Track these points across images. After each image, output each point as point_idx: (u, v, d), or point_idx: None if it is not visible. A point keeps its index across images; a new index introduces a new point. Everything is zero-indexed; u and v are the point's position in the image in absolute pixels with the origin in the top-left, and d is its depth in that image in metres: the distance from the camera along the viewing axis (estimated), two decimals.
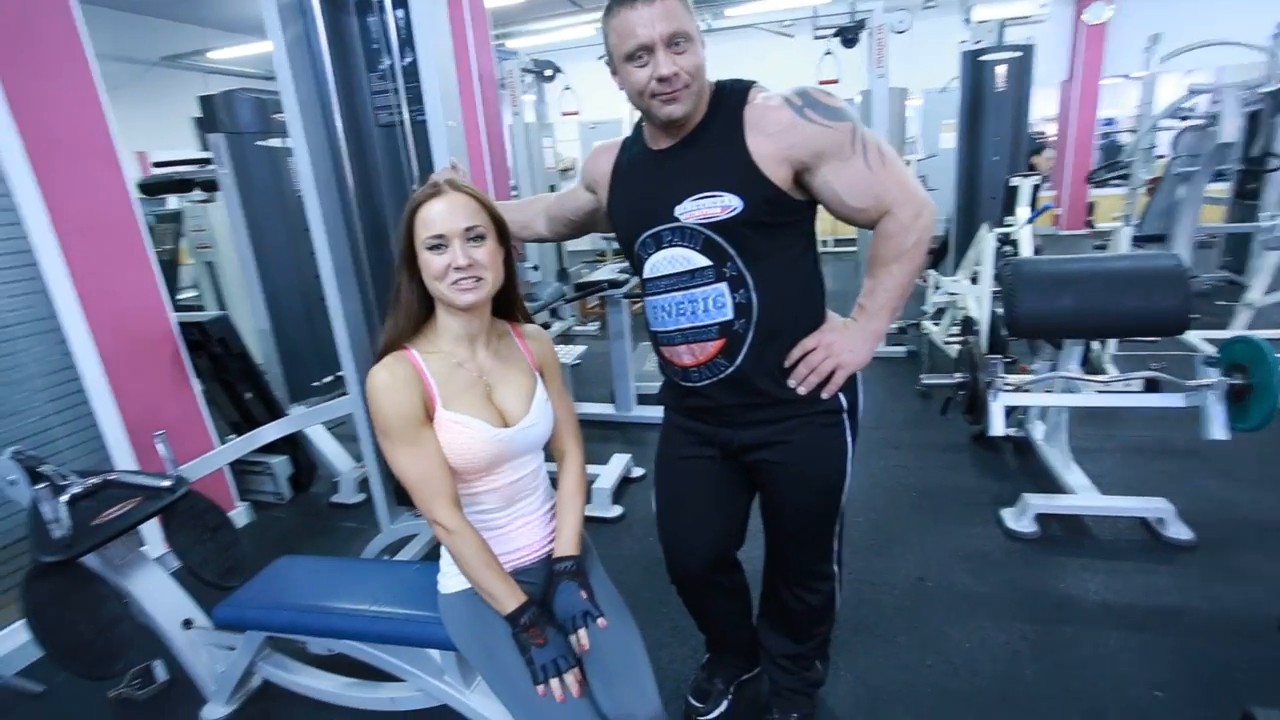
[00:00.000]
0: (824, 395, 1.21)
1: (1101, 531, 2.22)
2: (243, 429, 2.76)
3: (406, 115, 1.79)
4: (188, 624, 1.71)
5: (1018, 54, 4.28)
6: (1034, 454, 2.68)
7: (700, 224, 1.12)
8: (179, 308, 4.17)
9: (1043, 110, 8.65)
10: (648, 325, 1.28)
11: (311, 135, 1.84)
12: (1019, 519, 2.24)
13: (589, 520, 2.50)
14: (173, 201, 3.86)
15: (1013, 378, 2.36)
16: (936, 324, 4.01)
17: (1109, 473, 2.54)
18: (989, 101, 4.34)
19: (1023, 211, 3.65)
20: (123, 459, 2.25)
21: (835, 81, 4.24)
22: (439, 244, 1.04)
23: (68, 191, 2.14)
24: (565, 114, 5.25)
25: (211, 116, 2.72)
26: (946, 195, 4.38)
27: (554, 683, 1.03)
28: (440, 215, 1.04)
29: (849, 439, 1.28)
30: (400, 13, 1.70)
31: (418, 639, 1.33)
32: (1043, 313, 2.12)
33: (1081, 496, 2.27)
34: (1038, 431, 2.72)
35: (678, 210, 1.13)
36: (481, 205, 1.09)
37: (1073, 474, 2.38)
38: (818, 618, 1.47)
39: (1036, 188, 3.77)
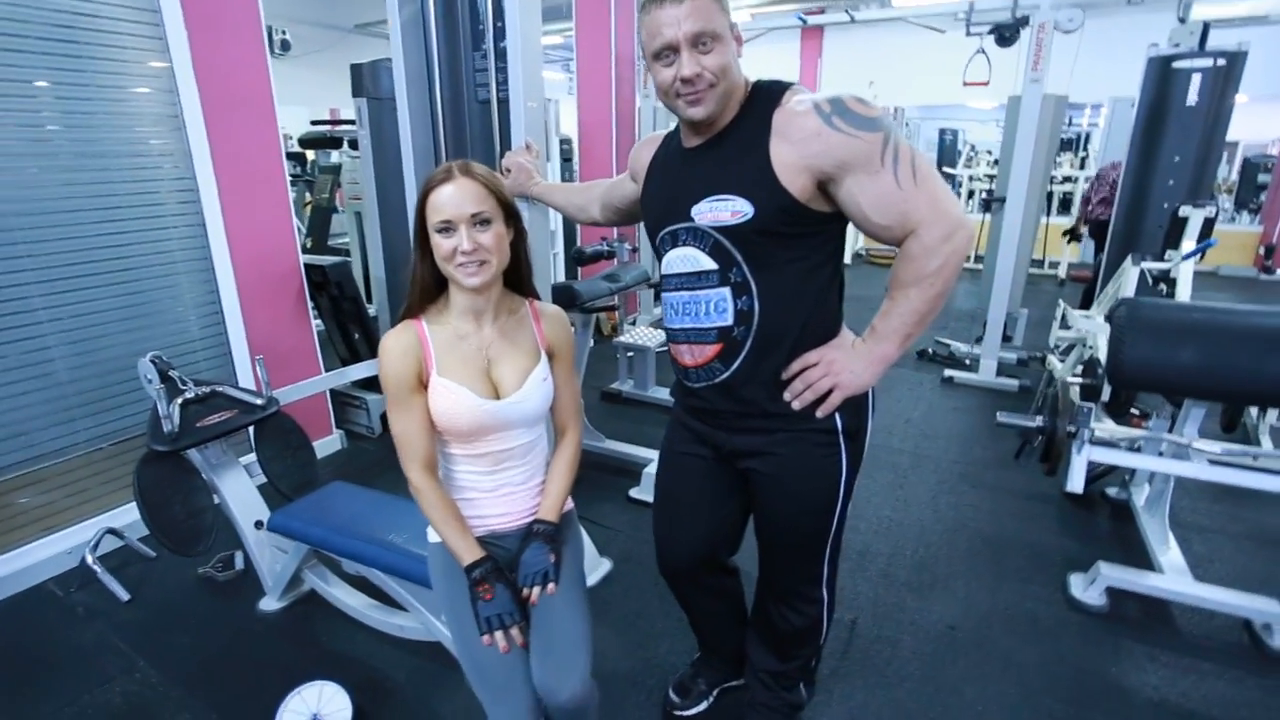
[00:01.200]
0: (818, 414, 1.17)
1: (1188, 624, 1.94)
2: (349, 365, 3.09)
3: (494, 94, 1.90)
4: (258, 525, 1.97)
5: (1221, 62, 3.68)
6: (1132, 522, 2.37)
7: (711, 226, 1.12)
8: (330, 251, 4.69)
9: (1258, 130, 7.38)
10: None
11: (415, 106, 2.00)
12: (1087, 588, 2.01)
13: (633, 502, 2.58)
14: (335, 155, 4.35)
15: (1120, 430, 2.10)
16: (1063, 360, 3.62)
17: (1219, 559, 2.20)
18: (1174, 116, 3.78)
19: (1187, 244, 3.17)
20: (244, 376, 2.62)
21: (985, 84, 3.89)
22: (447, 228, 1.10)
23: (230, 143, 2.49)
24: None
25: (358, 82, 3.02)
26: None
27: (498, 635, 1.10)
28: (449, 200, 1.10)
29: (844, 463, 1.22)
30: None
31: (414, 576, 1.46)
32: (1154, 364, 1.85)
33: (1170, 578, 1.98)
34: (1139, 497, 2.40)
35: (693, 210, 1.13)
36: (489, 191, 1.13)
37: (1168, 552, 2.09)
38: (802, 639, 1.44)
39: (1210, 221, 3.25)
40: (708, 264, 1.15)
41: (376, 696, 1.67)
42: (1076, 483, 1.97)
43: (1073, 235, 5.52)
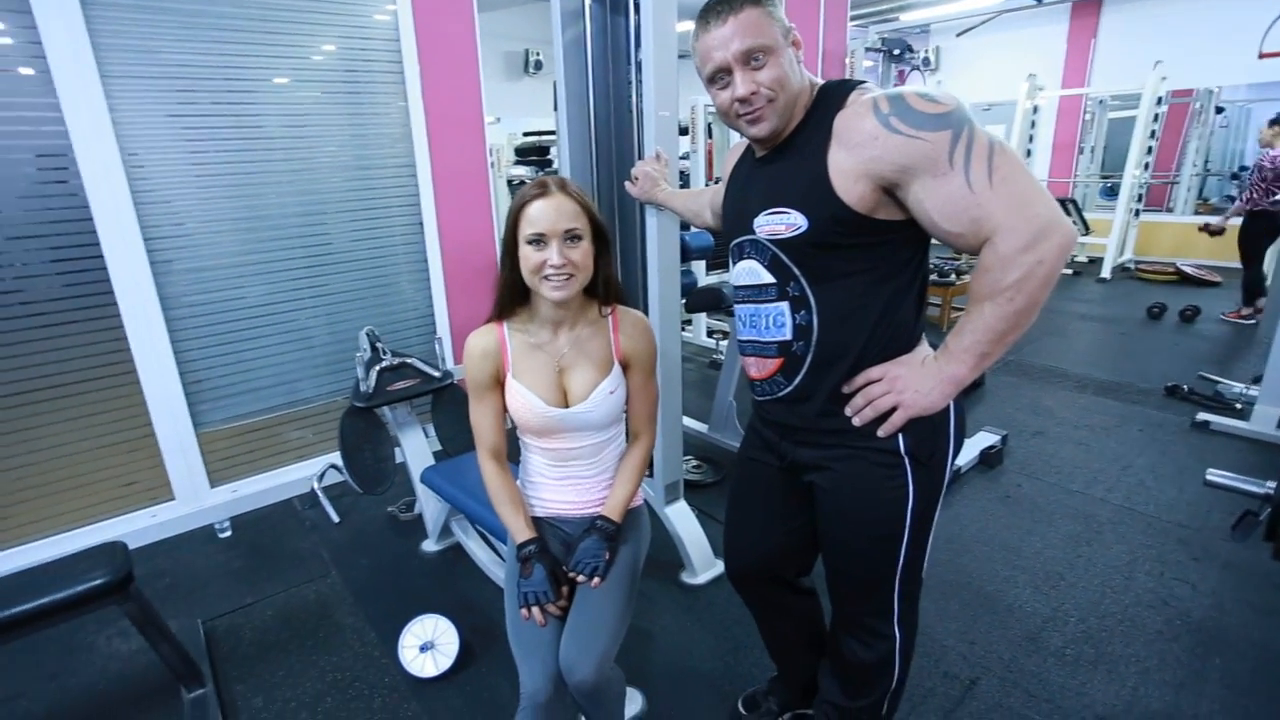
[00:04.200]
0: (880, 433, 1.08)
1: None
2: None
3: (634, 104, 2.01)
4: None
5: None
6: None
7: (769, 240, 1.10)
8: None
9: None
10: None
11: (573, 119, 2.20)
12: None
13: None
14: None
15: None
16: None
17: None
18: None
19: None
20: (447, 353, 3.10)
21: None
22: (539, 240, 1.17)
23: (445, 155, 2.96)
24: None
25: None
26: None
27: (534, 610, 1.22)
28: (543, 215, 1.16)
29: (911, 489, 1.11)
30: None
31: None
32: None
33: None
34: None
35: (755, 223, 1.12)
36: (582, 209, 1.21)
37: None
38: (870, 677, 1.32)
39: None
40: (767, 278, 1.13)
41: (484, 639, 1.90)
42: None
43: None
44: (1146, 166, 6.64)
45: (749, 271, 1.16)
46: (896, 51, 4.57)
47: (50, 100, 2.13)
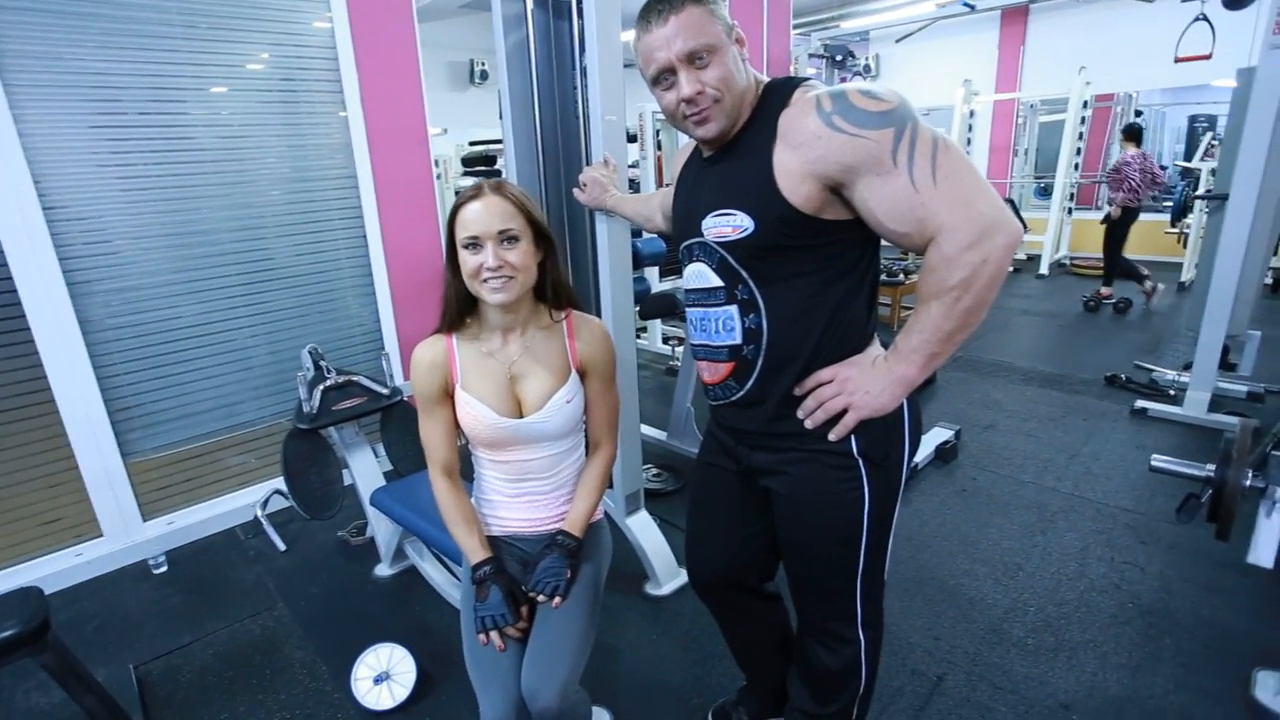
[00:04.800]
0: (831, 437, 1.06)
1: None
2: None
3: (582, 109, 1.98)
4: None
5: None
6: None
7: (716, 242, 1.08)
8: None
9: None
10: None
11: (518, 126, 2.15)
12: None
13: None
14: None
15: None
16: None
17: None
18: None
19: None
20: (395, 369, 2.99)
21: (1206, 57, 3.19)
22: (474, 243, 1.14)
23: (388, 166, 2.87)
24: None
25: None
26: None
27: (493, 634, 1.16)
28: (476, 217, 1.13)
29: (867, 490, 1.09)
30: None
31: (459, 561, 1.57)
32: None
33: None
34: None
35: (703, 225, 1.09)
36: (518, 209, 1.16)
37: None
38: (838, 681, 1.30)
39: None
40: (715, 281, 1.10)
41: (443, 665, 1.82)
42: (1264, 554, 1.55)
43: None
44: (1076, 167, 6.95)
45: (698, 274, 1.14)
46: (839, 58, 4.66)
47: None
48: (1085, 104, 6.66)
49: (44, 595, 1.47)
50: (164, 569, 2.40)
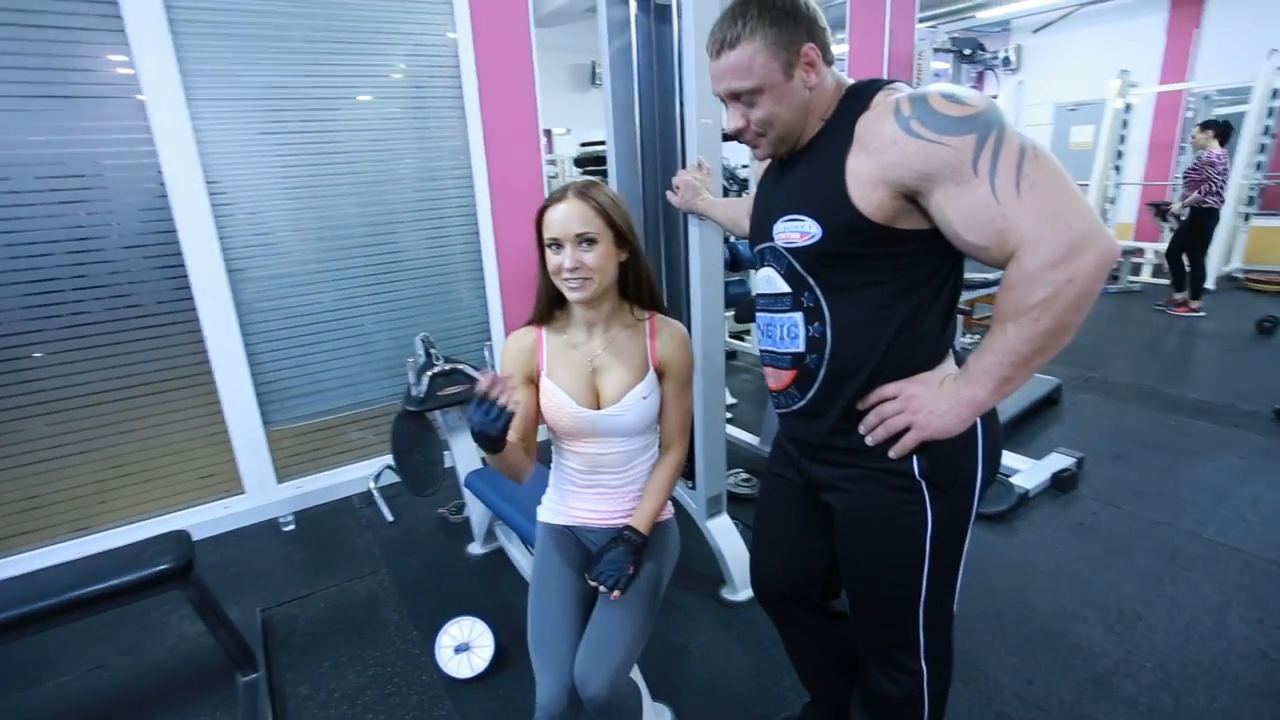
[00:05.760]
0: (891, 454, 1.02)
1: None
2: None
3: (679, 113, 2.00)
4: None
5: None
6: None
7: (785, 248, 1.07)
8: None
9: None
10: None
11: (620, 128, 2.21)
12: None
13: None
14: None
15: None
16: None
17: None
18: None
19: None
20: (497, 360, 3.16)
21: None
22: (554, 244, 1.21)
23: (502, 166, 3.04)
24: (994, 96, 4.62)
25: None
26: None
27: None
28: (557, 220, 1.19)
29: (931, 515, 1.04)
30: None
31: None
32: None
33: None
34: None
35: (774, 230, 1.08)
36: (598, 213, 1.20)
37: None
38: (896, 712, 1.25)
39: None
40: (783, 287, 1.09)
41: (519, 644, 1.88)
42: None
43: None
44: (1259, 166, 6.07)
45: (767, 279, 1.13)
46: (967, 51, 4.35)
47: (142, 124, 2.32)
48: (1275, 93, 5.80)
49: (190, 539, 1.70)
50: (291, 527, 2.69)
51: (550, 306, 1.32)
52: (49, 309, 2.31)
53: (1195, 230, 5.21)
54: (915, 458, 1.02)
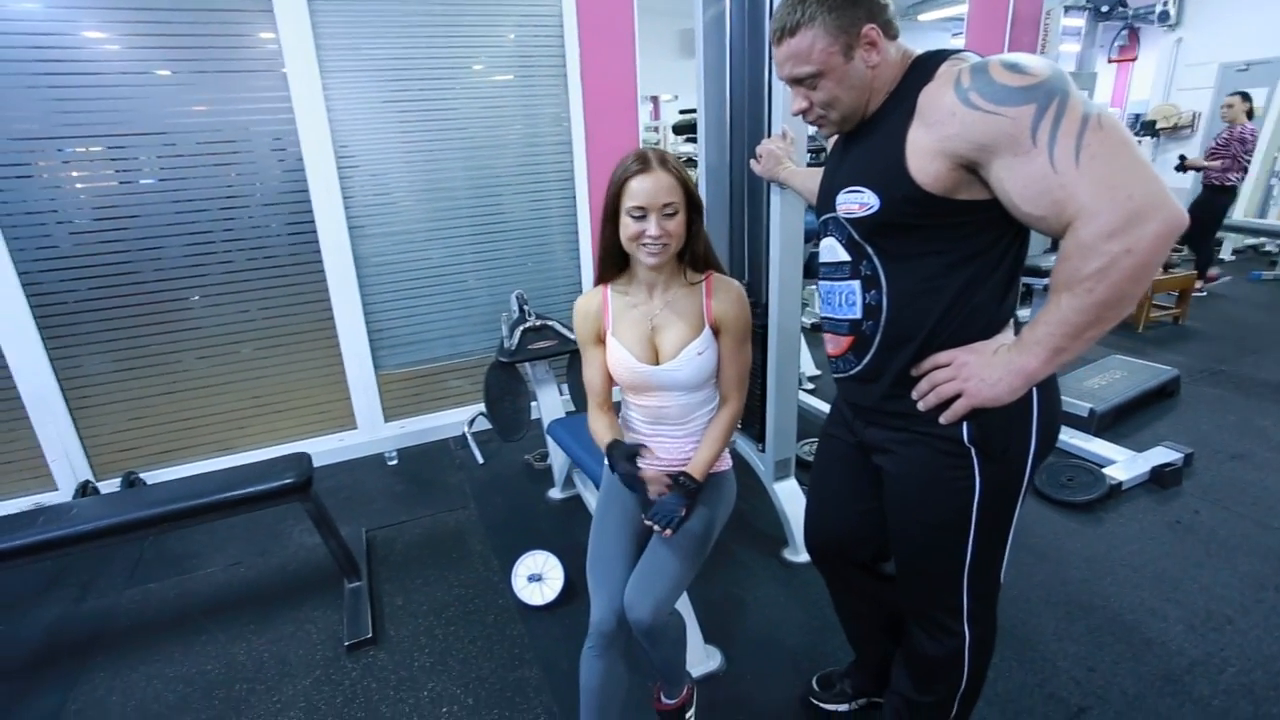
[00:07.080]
0: (941, 420, 1.05)
1: None
2: None
3: (767, 80, 2.01)
4: None
5: None
6: None
7: (846, 218, 1.10)
8: None
9: None
10: None
11: (711, 97, 2.25)
12: None
13: None
14: None
15: None
16: None
17: None
18: None
19: None
20: None
21: None
22: (640, 214, 1.28)
23: (599, 132, 3.14)
24: (1113, 60, 4.17)
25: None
26: None
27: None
28: (645, 190, 1.26)
29: (979, 482, 1.07)
30: None
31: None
32: None
33: None
34: None
35: (836, 201, 1.12)
36: (679, 183, 1.28)
37: None
38: (938, 672, 1.28)
39: None
40: (843, 255, 1.13)
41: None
42: None
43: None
44: None
45: (829, 249, 1.16)
46: (1104, 8, 3.96)
47: (283, 94, 2.61)
48: None
49: (311, 460, 1.97)
50: (395, 462, 2.99)
51: (613, 266, 1.40)
52: (204, 259, 2.66)
53: (1210, 206, 5.02)
54: (965, 424, 1.04)
